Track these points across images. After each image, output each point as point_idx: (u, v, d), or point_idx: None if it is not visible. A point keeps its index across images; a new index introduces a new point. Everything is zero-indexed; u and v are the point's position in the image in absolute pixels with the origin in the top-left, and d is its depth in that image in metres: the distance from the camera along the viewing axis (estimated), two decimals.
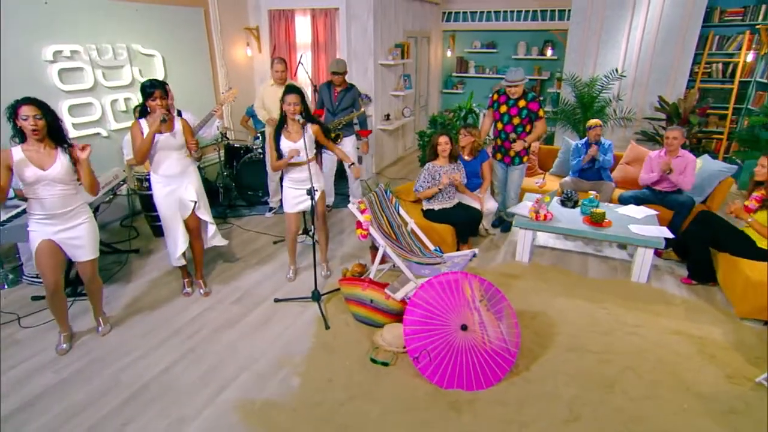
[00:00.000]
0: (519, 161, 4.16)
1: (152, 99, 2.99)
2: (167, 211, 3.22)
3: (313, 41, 5.88)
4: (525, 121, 3.99)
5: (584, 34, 6.08)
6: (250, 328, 3.12)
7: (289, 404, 2.45)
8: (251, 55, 6.25)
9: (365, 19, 5.61)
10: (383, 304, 2.97)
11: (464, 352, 2.53)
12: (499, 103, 4.09)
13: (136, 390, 2.57)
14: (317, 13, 5.72)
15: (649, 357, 2.78)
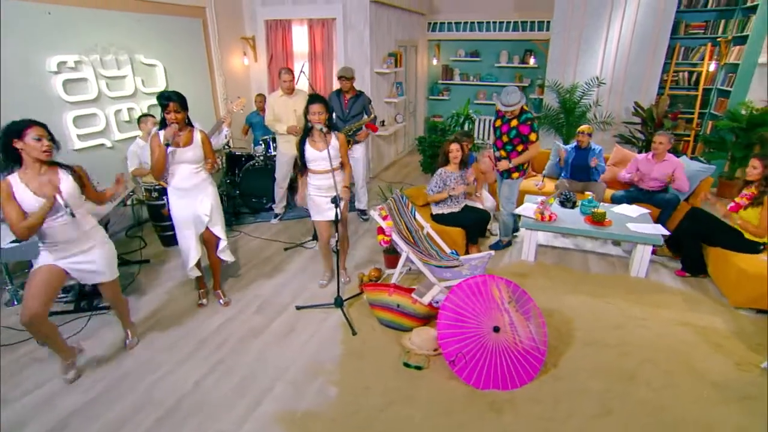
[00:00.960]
0: (507, 176, 3.85)
1: (166, 112, 2.77)
2: (182, 223, 3.03)
3: (310, 50, 5.72)
4: (514, 141, 3.67)
5: (564, 44, 6.16)
6: (276, 336, 2.98)
7: (329, 414, 2.34)
8: (248, 64, 6.03)
9: (361, 29, 5.50)
10: (410, 309, 2.88)
11: (498, 353, 2.48)
12: (497, 116, 3.85)
13: (170, 406, 2.39)
14: (314, 23, 5.57)
15: (661, 348, 2.81)
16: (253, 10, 5.78)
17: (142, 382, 2.56)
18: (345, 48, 5.60)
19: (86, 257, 2.43)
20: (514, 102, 3.49)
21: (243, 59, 5.94)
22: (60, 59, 3.73)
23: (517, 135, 3.64)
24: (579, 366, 2.65)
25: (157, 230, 4.25)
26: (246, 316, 3.21)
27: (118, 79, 4.28)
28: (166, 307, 3.31)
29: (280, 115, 4.38)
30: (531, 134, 3.61)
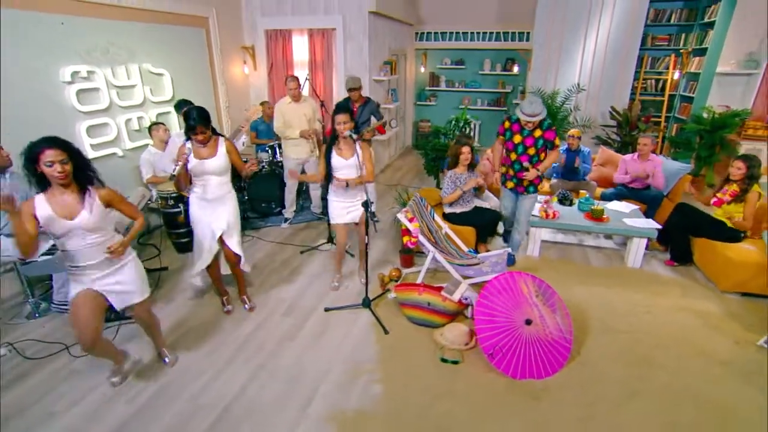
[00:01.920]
0: (534, 189, 3.57)
1: (193, 133, 2.63)
2: (200, 232, 2.89)
3: (311, 59, 5.62)
4: (541, 151, 3.44)
5: (546, 54, 6.31)
6: (310, 339, 2.91)
7: (378, 412, 2.31)
8: (247, 73, 5.86)
9: (361, 38, 5.45)
10: (440, 306, 2.88)
11: (530, 344, 2.51)
12: (512, 132, 3.47)
13: (220, 413, 2.30)
14: (315, 32, 5.47)
15: (668, 333, 2.92)
16: (254, 21, 5.63)
17: (185, 391, 2.45)
18: (345, 57, 5.53)
19: (117, 278, 2.23)
20: (538, 111, 3.24)
21: (243, 68, 5.77)
22: (73, 69, 3.51)
23: (544, 144, 3.40)
24: (599, 353, 2.73)
25: (171, 237, 4.07)
26: (275, 320, 3.12)
27: (128, 88, 4.07)
28: (194, 315, 3.17)
29: (290, 121, 4.29)
30: (556, 139, 3.41)
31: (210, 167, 2.72)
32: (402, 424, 2.23)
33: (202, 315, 3.17)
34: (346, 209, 3.20)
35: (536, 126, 3.35)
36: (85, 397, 2.39)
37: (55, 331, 2.96)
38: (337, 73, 5.60)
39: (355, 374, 2.57)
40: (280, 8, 5.52)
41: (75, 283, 2.16)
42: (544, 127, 3.38)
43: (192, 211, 2.86)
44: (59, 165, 1.91)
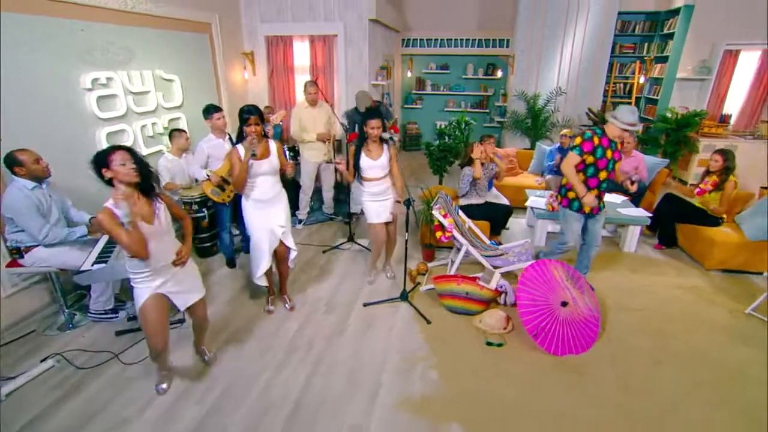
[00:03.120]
0: (603, 206, 3.21)
1: (247, 125, 2.67)
2: (260, 234, 2.88)
3: (312, 65, 5.61)
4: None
5: (527, 60, 6.64)
6: (358, 333, 2.97)
7: (440, 395, 2.41)
8: (247, 78, 5.76)
9: (361, 45, 5.49)
10: (478, 294, 3.03)
11: (567, 323, 2.71)
12: (603, 148, 2.93)
13: (292, 407, 2.33)
14: (316, 38, 5.47)
15: (672, 307, 3.23)
16: (253, 27, 5.54)
17: (251, 389, 2.45)
18: (346, 62, 5.56)
19: (179, 278, 2.22)
20: (636, 121, 2.87)
21: (243, 73, 5.67)
22: (94, 76, 3.35)
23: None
24: (621, 329, 2.98)
25: (195, 242, 3.97)
26: (318, 317, 3.15)
27: (143, 94, 3.92)
28: (235, 317, 3.14)
29: (306, 124, 4.30)
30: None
31: (265, 168, 2.74)
32: (465, 404, 2.34)
33: (243, 316, 3.14)
34: (379, 207, 3.28)
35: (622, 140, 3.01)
36: (152, 402, 2.34)
37: (97, 340, 2.85)
38: (338, 77, 5.62)
39: (410, 362, 2.66)
40: (280, 15, 5.47)
41: (143, 289, 2.11)
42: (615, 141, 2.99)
43: (248, 215, 2.85)
44: (130, 164, 1.94)
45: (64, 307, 2.99)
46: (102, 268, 2.44)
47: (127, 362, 2.64)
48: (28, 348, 2.78)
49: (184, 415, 2.26)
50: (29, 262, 2.70)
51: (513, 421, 2.23)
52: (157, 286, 2.12)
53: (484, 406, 2.33)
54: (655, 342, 2.84)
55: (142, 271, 2.08)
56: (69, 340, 2.85)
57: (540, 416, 2.26)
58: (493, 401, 2.36)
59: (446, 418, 2.24)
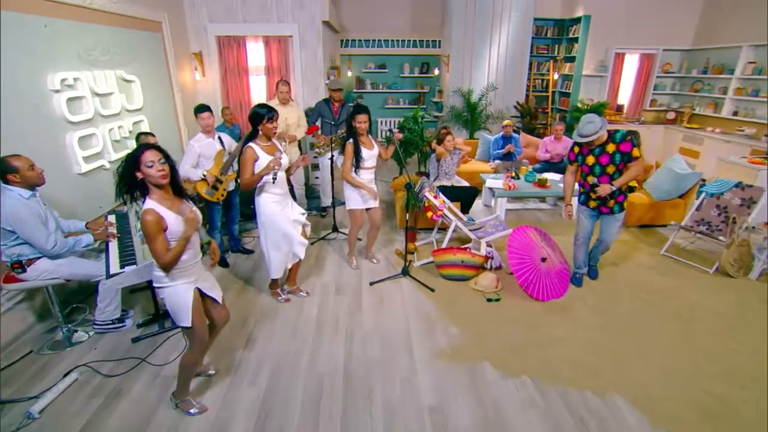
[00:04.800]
0: (620, 209, 3.25)
1: (270, 121, 2.86)
2: (285, 228, 3.08)
3: (267, 65, 5.71)
4: (621, 167, 3.10)
5: (461, 59, 7.45)
6: (374, 307, 3.32)
7: (465, 344, 2.89)
8: (198, 79, 5.66)
9: (315, 45, 5.76)
10: (471, 261, 3.57)
11: (547, 275, 3.38)
12: (583, 155, 3.19)
13: (343, 374, 2.61)
14: (271, 39, 5.60)
15: (612, 256, 4.09)
16: (201, 26, 5.47)
17: (298, 364, 2.68)
18: (301, 63, 5.78)
19: (206, 274, 2.29)
20: (591, 131, 2.97)
21: (194, 74, 5.56)
22: (62, 76, 3.19)
23: (622, 158, 3.06)
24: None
25: None
26: (333, 299, 3.43)
27: (107, 96, 3.77)
28: (252, 308, 3.28)
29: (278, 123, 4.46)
30: (633, 150, 3.04)
31: (284, 161, 2.94)
32: (486, 347, 2.85)
33: (259, 308, 3.30)
34: (364, 196, 3.64)
35: (607, 140, 3.06)
36: (203, 393, 2.45)
37: (112, 350, 2.80)
38: (293, 78, 5.80)
39: (429, 323, 3.10)
40: (230, 15, 5.49)
41: (183, 285, 2.09)
42: (617, 140, 3.05)
43: (269, 210, 3.00)
44: (159, 164, 1.91)
45: (62, 323, 2.86)
46: (135, 269, 2.46)
47: (158, 364, 2.68)
48: (35, 368, 2.64)
49: (243, 398, 2.42)
50: (33, 275, 2.57)
51: (524, 351, 2.80)
52: (193, 281, 2.14)
53: (500, 345, 2.87)
54: (608, 281, 3.67)
55: (181, 268, 2.05)
56: (80, 354, 2.76)
57: (544, 344, 2.87)
58: (506, 340, 2.91)
59: (477, 359, 2.73)
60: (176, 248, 1.96)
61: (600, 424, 2.26)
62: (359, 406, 2.37)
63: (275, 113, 2.87)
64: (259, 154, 2.89)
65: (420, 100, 8.82)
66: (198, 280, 2.17)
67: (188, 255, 2.06)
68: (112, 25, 3.87)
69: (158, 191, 1.97)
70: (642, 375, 2.59)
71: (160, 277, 2.05)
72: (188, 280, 2.10)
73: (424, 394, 2.46)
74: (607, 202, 3.25)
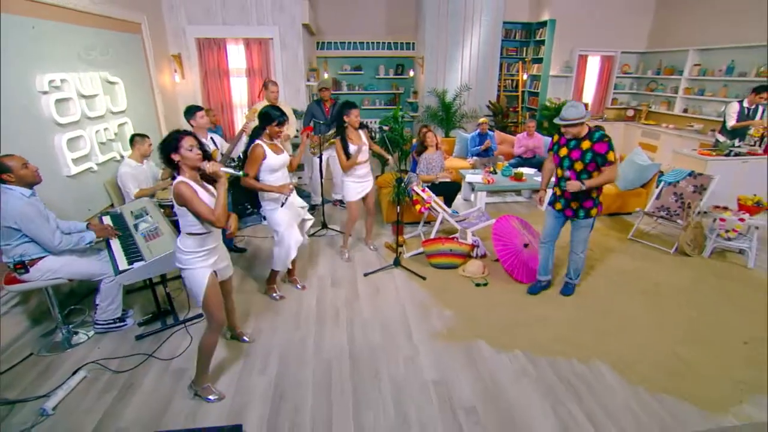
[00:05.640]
0: (584, 214, 3.13)
1: (279, 125, 2.98)
2: (290, 220, 3.22)
3: (248, 67, 5.78)
4: (591, 167, 2.97)
5: (435, 60, 7.74)
6: (371, 297, 3.49)
7: (459, 325, 3.11)
8: (178, 81, 5.65)
9: (296, 47, 5.88)
10: (458, 250, 3.82)
11: (530, 259, 3.67)
12: (559, 145, 3.11)
13: (349, 359, 2.76)
14: (252, 41, 5.67)
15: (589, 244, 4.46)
16: (179, 29, 5.48)
17: (304, 352, 2.82)
18: (282, 65, 5.89)
19: (221, 254, 2.42)
20: (573, 116, 2.84)
21: (173, 76, 5.55)
22: (50, 77, 3.19)
23: (594, 158, 2.93)
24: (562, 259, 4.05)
25: None
26: (330, 291, 3.58)
27: (92, 98, 3.76)
28: (253, 303, 3.38)
29: None
30: (609, 153, 2.88)
31: (283, 160, 3.08)
32: (479, 326, 3.08)
33: (260, 302, 3.41)
34: (360, 188, 3.85)
35: (585, 137, 2.95)
36: (216, 381, 2.55)
37: (116, 348, 2.85)
38: (275, 79, 5.89)
39: (425, 308, 3.31)
40: (210, 18, 5.54)
41: (201, 269, 2.22)
42: (594, 139, 2.92)
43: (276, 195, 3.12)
44: (196, 148, 2.12)
45: (62, 324, 2.88)
46: (144, 264, 2.53)
47: (164, 357, 2.75)
48: (38, 370, 2.65)
49: (255, 385, 2.54)
50: (36, 275, 2.59)
51: (514, 329, 3.06)
52: (211, 264, 2.27)
53: (492, 325, 3.11)
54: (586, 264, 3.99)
55: (199, 251, 2.20)
56: (83, 354, 2.79)
57: (531, 322, 3.14)
58: (497, 320, 3.16)
59: (471, 338, 2.96)
60: (220, 202, 2.13)
61: (587, 386, 2.53)
62: (368, 385, 2.54)
63: (286, 119, 3.00)
64: (267, 153, 3.01)
65: (396, 100, 9.07)
66: (216, 262, 2.32)
67: (207, 243, 2.23)
68: (94, 26, 3.87)
69: (191, 172, 2.15)
70: (619, 344, 2.90)
71: (182, 260, 2.22)
72: (207, 263, 2.25)
73: (427, 370, 2.66)
74: (571, 203, 3.16)
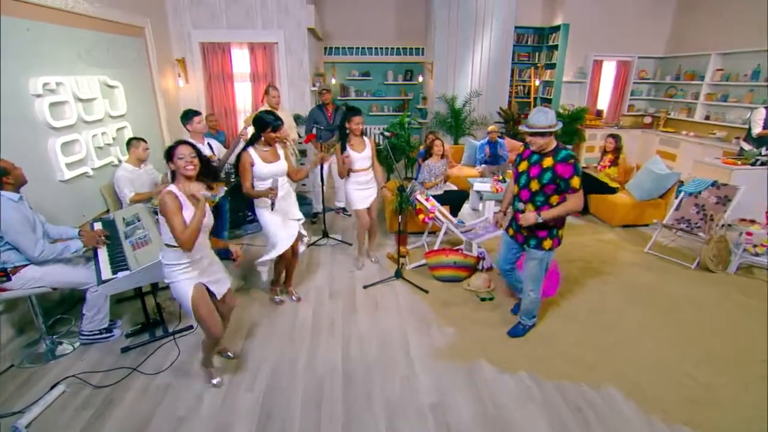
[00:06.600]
0: (536, 244, 2.69)
1: (274, 131, 2.91)
2: (279, 228, 3.12)
3: (252, 72, 5.75)
4: (548, 190, 2.52)
5: (445, 66, 7.65)
6: (370, 310, 3.35)
7: (461, 343, 2.95)
8: (182, 86, 5.65)
9: (301, 52, 5.84)
10: (463, 262, 3.66)
11: None
12: (521, 158, 2.67)
13: (342, 375, 2.63)
14: (256, 46, 5.65)
15: (599, 255, 4.28)
16: (184, 33, 5.49)
17: (296, 368, 2.69)
18: (287, 69, 5.85)
19: (214, 268, 2.38)
20: (536, 123, 2.41)
21: (177, 80, 5.55)
22: (44, 80, 3.16)
23: (553, 180, 2.47)
24: (572, 273, 3.88)
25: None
26: (327, 303, 3.45)
27: (90, 101, 3.74)
28: (247, 314, 3.27)
29: None
30: (573, 178, 2.43)
31: (281, 168, 2.98)
32: (482, 344, 2.92)
33: (254, 312, 3.30)
34: (363, 195, 3.74)
35: (549, 153, 2.51)
36: (201, 399, 2.44)
37: (100, 360, 2.75)
38: (280, 84, 5.86)
39: (425, 324, 3.16)
40: (215, 22, 5.53)
41: (185, 281, 2.19)
42: (558, 157, 2.47)
43: (266, 212, 3.05)
44: (189, 157, 2.14)
45: (46, 334, 2.80)
46: (128, 274, 2.44)
47: (150, 372, 2.65)
48: (17, 383, 2.57)
49: (241, 403, 2.41)
50: (18, 284, 2.52)
51: (519, 347, 2.89)
52: (196, 276, 2.23)
53: (496, 343, 2.94)
54: (597, 277, 3.81)
55: (181, 263, 2.16)
56: (66, 366, 2.70)
57: (538, 340, 2.96)
58: (501, 338, 2.99)
59: (473, 357, 2.79)
60: (192, 224, 2.08)
61: (597, 414, 2.34)
62: (360, 405, 2.39)
63: (281, 124, 2.92)
64: (255, 160, 2.92)
65: (404, 107, 8.98)
66: (202, 275, 2.27)
67: (193, 254, 2.17)
68: (94, 29, 3.86)
69: (184, 180, 2.17)
70: (632, 365, 2.71)
71: (165, 273, 2.21)
72: (191, 275, 2.21)
73: (424, 391, 2.50)
74: (522, 229, 2.73)
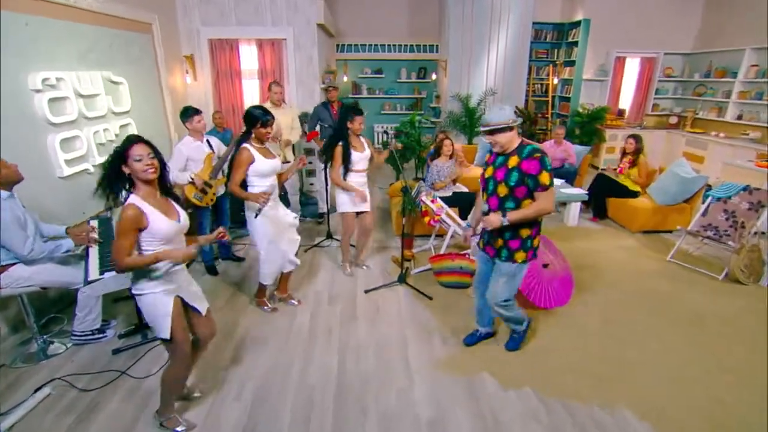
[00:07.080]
0: (507, 256, 2.44)
1: (264, 126, 2.82)
2: (275, 235, 3.02)
3: (261, 68, 5.69)
4: (519, 193, 2.27)
5: (459, 64, 7.46)
6: (370, 316, 3.22)
7: (463, 354, 2.80)
8: (189, 83, 5.63)
9: (310, 49, 5.75)
10: (469, 268, 3.49)
11: (549, 281, 3.30)
12: (486, 164, 2.45)
13: (335, 386, 2.51)
14: (265, 42, 5.59)
15: (617, 263, 4.05)
16: (193, 30, 5.47)
17: (288, 377, 2.58)
18: (296, 66, 5.77)
19: (191, 282, 2.17)
20: (491, 121, 2.18)
21: (185, 77, 5.53)
22: (44, 76, 3.14)
23: (522, 180, 2.22)
24: (586, 281, 3.67)
25: None
26: (325, 308, 3.34)
27: (92, 98, 3.72)
28: (241, 320, 3.19)
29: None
30: (542, 174, 2.18)
31: (274, 165, 2.89)
32: (485, 357, 2.75)
33: (249, 319, 3.20)
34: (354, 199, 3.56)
35: (514, 151, 2.25)
36: (187, 409, 2.34)
37: (91, 362, 2.70)
38: (288, 82, 5.78)
39: (427, 332, 3.01)
40: (224, 19, 5.49)
41: (163, 293, 1.96)
42: (523, 154, 2.22)
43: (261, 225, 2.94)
44: (147, 158, 1.82)
45: (37, 334, 2.77)
46: (116, 275, 2.37)
47: (139, 376, 2.58)
48: (6, 383, 2.53)
49: (228, 414, 2.31)
50: (6, 282, 2.48)
51: (525, 360, 2.71)
52: (174, 289, 2.01)
53: (500, 355, 2.78)
54: (613, 287, 3.59)
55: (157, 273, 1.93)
56: (55, 367, 2.65)
57: (545, 353, 2.78)
58: (505, 351, 2.81)
59: (476, 370, 2.63)
60: (140, 260, 1.84)
61: None
62: (352, 419, 2.27)
63: (271, 118, 2.83)
64: (255, 157, 2.83)
65: (417, 105, 8.83)
66: (181, 288, 2.05)
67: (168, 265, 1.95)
68: (98, 24, 3.84)
69: (145, 188, 1.87)
70: (650, 384, 2.50)
71: (139, 283, 1.94)
72: (169, 287, 1.97)
73: (421, 405, 2.36)
74: (495, 242, 2.47)
